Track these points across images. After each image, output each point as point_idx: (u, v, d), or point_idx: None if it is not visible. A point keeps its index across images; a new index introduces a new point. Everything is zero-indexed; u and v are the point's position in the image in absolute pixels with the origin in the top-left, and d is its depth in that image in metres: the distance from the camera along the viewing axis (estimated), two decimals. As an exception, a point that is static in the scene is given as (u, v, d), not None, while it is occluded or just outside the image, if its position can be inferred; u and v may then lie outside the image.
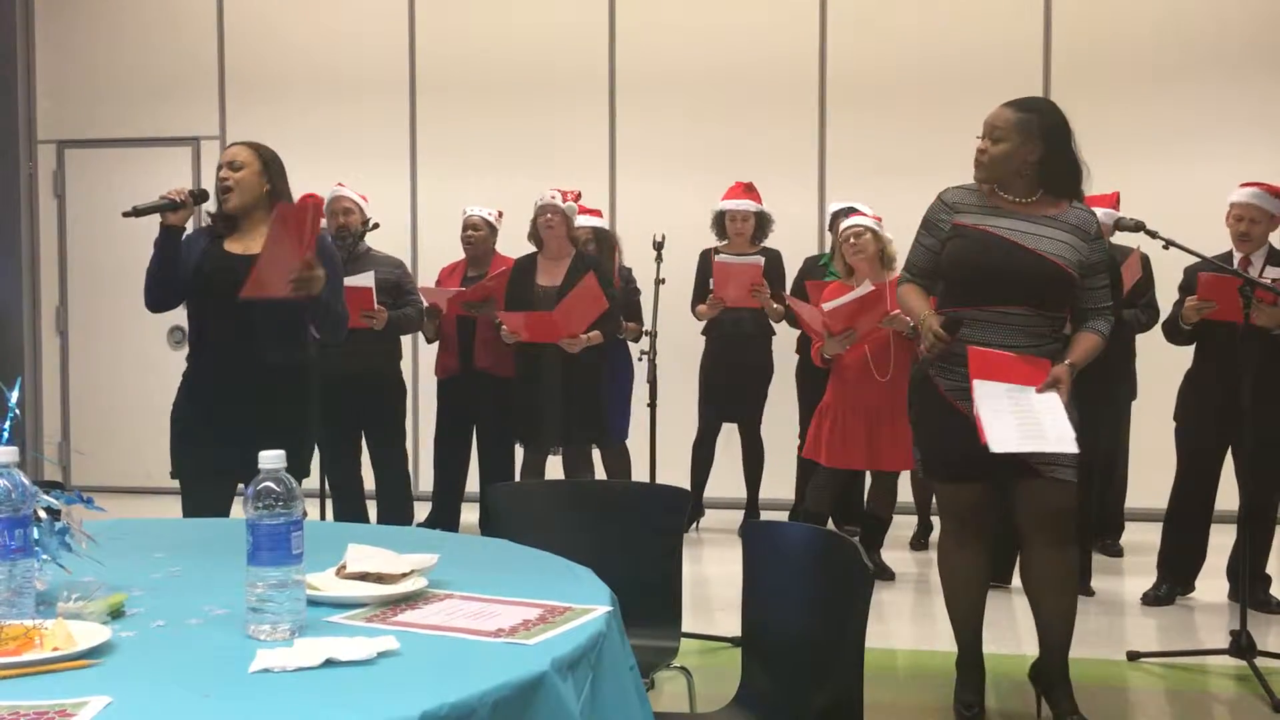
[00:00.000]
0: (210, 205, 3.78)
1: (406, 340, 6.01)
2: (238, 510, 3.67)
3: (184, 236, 3.70)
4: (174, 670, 1.61)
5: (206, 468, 3.66)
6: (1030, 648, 4.04)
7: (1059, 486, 3.36)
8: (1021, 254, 3.33)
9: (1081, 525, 3.80)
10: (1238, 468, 4.75)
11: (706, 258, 6.05)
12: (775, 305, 5.89)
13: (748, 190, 6.13)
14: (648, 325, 5.13)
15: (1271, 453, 4.48)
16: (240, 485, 3.64)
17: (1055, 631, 3.49)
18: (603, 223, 6.15)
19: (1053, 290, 3.37)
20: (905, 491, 5.73)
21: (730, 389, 6.14)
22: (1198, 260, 4.23)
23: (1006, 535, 3.74)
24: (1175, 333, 4.85)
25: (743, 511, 6.31)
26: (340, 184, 5.65)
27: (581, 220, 6.01)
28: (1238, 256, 4.73)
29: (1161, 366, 5.45)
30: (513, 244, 5.79)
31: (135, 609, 1.88)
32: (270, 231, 3.47)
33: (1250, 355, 4.18)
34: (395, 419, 5.75)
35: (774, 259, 6.03)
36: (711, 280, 5.89)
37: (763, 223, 6.12)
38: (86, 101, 7.91)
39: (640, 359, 5.10)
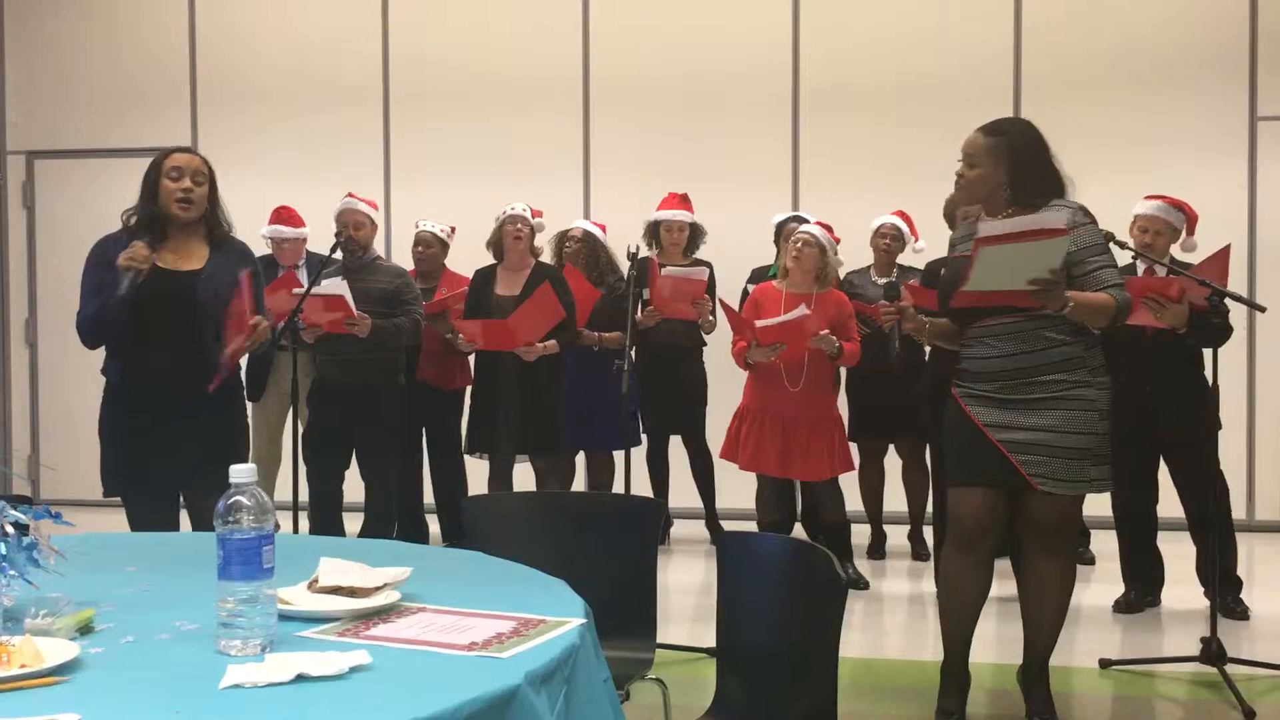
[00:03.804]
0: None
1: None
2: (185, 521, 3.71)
3: (104, 245, 3.79)
4: (143, 687, 1.60)
5: (148, 479, 3.68)
6: (1009, 657, 4.06)
7: (1065, 501, 3.44)
8: None
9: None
10: (1172, 473, 4.83)
11: (643, 265, 5.92)
12: (711, 318, 5.90)
13: (683, 201, 6.14)
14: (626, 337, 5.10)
15: (1195, 455, 4.50)
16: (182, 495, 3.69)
17: (1043, 635, 3.60)
18: (601, 235, 6.05)
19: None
20: (855, 500, 5.72)
21: (670, 402, 6.08)
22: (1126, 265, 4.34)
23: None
24: None
25: (703, 521, 6.25)
26: (351, 194, 5.48)
27: (582, 223, 6.03)
28: (1141, 267, 4.76)
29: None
30: (480, 256, 5.77)
31: (104, 625, 1.86)
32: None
33: (1161, 359, 4.55)
34: (390, 432, 5.49)
35: (708, 271, 6.00)
36: (648, 290, 5.78)
37: (695, 234, 6.15)
38: (56, 112, 7.84)
39: (614, 369, 5.06)
